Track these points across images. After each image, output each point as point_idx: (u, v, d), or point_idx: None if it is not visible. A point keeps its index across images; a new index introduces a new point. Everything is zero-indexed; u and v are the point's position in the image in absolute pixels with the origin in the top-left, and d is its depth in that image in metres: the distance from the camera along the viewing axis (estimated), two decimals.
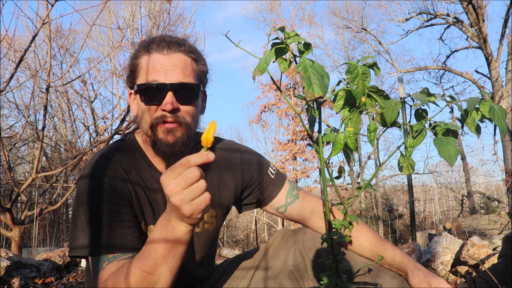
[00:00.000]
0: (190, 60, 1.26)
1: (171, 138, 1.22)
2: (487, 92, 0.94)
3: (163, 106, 1.20)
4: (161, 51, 1.23)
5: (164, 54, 1.23)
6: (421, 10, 16.71)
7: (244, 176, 1.44)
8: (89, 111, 16.56)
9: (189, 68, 1.25)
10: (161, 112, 1.21)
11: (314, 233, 1.41)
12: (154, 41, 1.25)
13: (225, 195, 1.42)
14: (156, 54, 1.23)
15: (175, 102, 1.21)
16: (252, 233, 19.41)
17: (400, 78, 5.02)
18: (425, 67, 17.41)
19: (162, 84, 1.20)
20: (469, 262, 2.96)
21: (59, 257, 3.98)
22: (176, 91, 1.21)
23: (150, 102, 1.22)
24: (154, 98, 1.21)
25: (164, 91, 1.20)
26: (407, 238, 10.14)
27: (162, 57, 1.23)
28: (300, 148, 21.40)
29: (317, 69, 0.85)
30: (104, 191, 1.18)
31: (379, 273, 1.35)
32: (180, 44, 1.25)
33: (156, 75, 1.21)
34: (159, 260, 1.01)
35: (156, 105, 1.22)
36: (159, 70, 1.21)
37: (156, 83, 1.20)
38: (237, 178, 1.43)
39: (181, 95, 1.22)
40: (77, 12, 4.21)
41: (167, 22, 6.72)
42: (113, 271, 1.09)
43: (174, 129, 1.22)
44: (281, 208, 1.45)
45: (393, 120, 0.92)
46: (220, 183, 1.40)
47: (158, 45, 1.24)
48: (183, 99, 1.22)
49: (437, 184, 18.71)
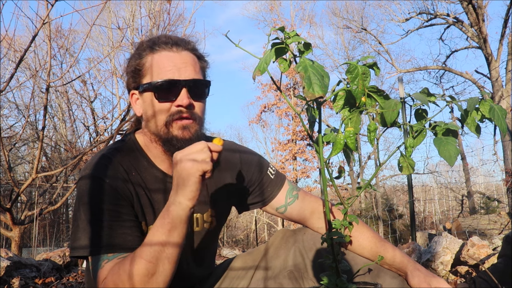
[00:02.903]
0: (196, 58, 1.28)
1: (187, 134, 1.23)
2: (487, 92, 0.94)
3: (179, 101, 1.21)
4: (170, 48, 1.24)
5: (174, 52, 1.24)
6: (421, 10, 16.71)
7: (244, 176, 1.44)
8: (89, 111, 16.57)
9: (198, 65, 1.28)
10: (177, 108, 1.22)
11: (314, 233, 1.41)
12: (160, 40, 1.26)
13: (225, 195, 1.42)
14: (164, 52, 1.24)
15: (190, 98, 1.22)
16: (252, 233, 19.41)
17: (400, 78, 5.02)
18: (425, 67, 17.41)
19: (177, 80, 1.21)
20: (469, 262, 2.96)
21: (59, 257, 3.97)
22: (190, 87, 1.22)
23: (165, 98, 1.22)
24: (169, 94, 1.22)
25: (179, 87, 1.21)
26: (407, 238, 10.14)
27: (172, 54, 1.24)
28: (300, 148, 21.39)
29: (317, 69, 0.85)
30: (104, 191, 1.18)
31: (379, 273, 1.35)
32: (185, 42, 1.27)
33: (170, 73, 1.22)
34: (158, 247, 1.04)
35: (170, 101, 1.22)
36: (172, 67, 1.22)
37: (171, 80, 1.21)
38: (236, 178, 1.43)
39: (194, 91, 1.23)
40: (77, 12, 4.21)
41: (167, 22, 6.72)
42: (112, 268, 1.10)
43: (190, 125, 1.23)
44: (281, 208, 1.45)
45: (393, 120, 0.92)
46: (219, 183, 1.40)
47: (165, 43, 1.25)
48: (196, 95, 1.24)
49: (437, 184, 18.71)
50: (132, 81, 1.29)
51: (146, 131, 1.29)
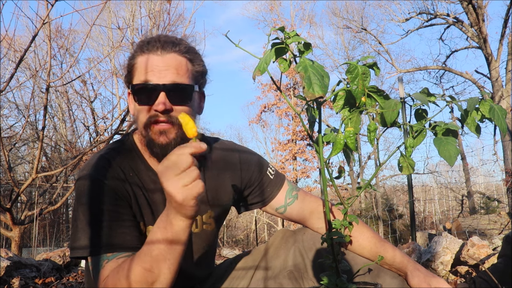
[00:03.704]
0: (185, 61, 1.26)
1: (164, 140, 1.22)
2: (487, 92, 0.94)
3: (155, 106, 1.20)
4: (155, 51, 1.23)
5: (158, 55, 1.23)
6: (421, 10, 16.71)
7: (243, 176, 1.43)
8: (89, 111, 16.57)
9: (183, 68, 1.25)
10: (154, 112, 1.21)
11: (314, 233, 1.41)
12: (150, 42, 1.25)
13: (224, 196, 1.42)
14: (150, 55, 1.23)
15: (168, 103, 1.21)
16: (252, 233, 19.41)
17: (400, 78, 5.02)
18: (425, 67, 17.40)
19: (155, 84, 1.20)
20: (469, 262, 2.96)
21: (59, 257, 3.98)
22: (168, 91, 1.21)
23: (143, 102, 1.22)
24: (147, 98, 1.21)
25: (157, 91, 1.20)
26: (407, 238, 10.14)
27: (155, 57, 1.23)
28: (300, 148, 21.39)
29: (317, 69, 0.85)
30: (103, 191, 1.19)
31: (379, 273, 1.35)
32: (175, 44, 1.25)
33: (150, 75, 1.21)
34: (159, 257, 1.02)
35: (149, 105, 1.22)
36: (153, 70, 1.22)
37: (148, 84, 1.21)
38: (236, 179, 1.43)
39: (174, 96, 1.22)
40: (77, 12, 4.21)
41: (167, 22, 6.72)
42: (113, 269, 1.09)
43: (167, 130, 1.22)
44: (280, 208, 1.45)
45: (393, 120, 0.92)
46: (218, 184, 1.40)
47: (152, 45, 1.24)
48: (176, 99, 1.22)
49: (437, 184, 18.71)
50: (126, 80, 1.30)
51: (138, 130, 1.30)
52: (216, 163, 1.41)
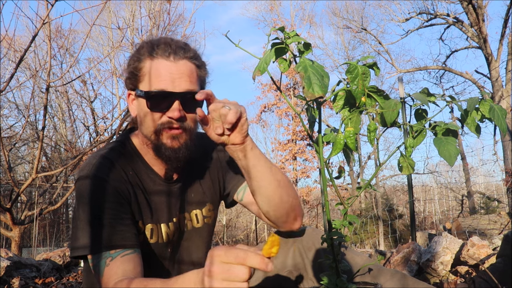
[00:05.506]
0: (194, 67, 1.26)
1: (176, 144, 1.23)
2: (487, 92, 0.94)
3: (170, 113, 1.21)
4: (167, 57, 1.22)
5: (171, 61, 1.22)
6: (421, 10, 16.71)
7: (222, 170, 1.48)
8: (89, 111, 16.56)
9: (194, 76, 1.26)
10: (167, 119, 1.22)
11: (313, 233, 1.42)
12: (159, 46, 1.24)
13: (217, 190, 1.47)
14: (162, 60, 1.23)
15: (182, 110, 1.22)
16: (252, 233, 19.40)
17: (400, 78, 5.02)
18: (425, 67, 17.40)
19: (170, 92, 1.21)
20: (469, 262, 2.96)
21: (59, 257, 3.98)
22: (183, 99, 1.22)
23: (157, 109, 1.22)
24: (161, 105, 1.22)
25: (172, 99, 1.21)
26: (407, 238, 10.14)
27: (168, 63, 1.22)
28: (300, 148, 21.39)
29: (317, 69, 0.85)
30: (103, 190, 1.20)
31: (379, 273, 1.35)
32: (185, 50, 1.25)
33: (164, 83, 1.21)
34: None
35: (162, 112, 1.22)
36: (167, 78, 1.21)
37: (164, 91, 1.21)
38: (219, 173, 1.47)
39: (188, 103, 1.22)
40: (77, 12, 4.22)
41: (167, 22, 6.73)
42: (118, 269, 1.10)
43: (179, 135, 1.24)
44: (240, 193, 1.44)
45: (393, 120, 0.92)
46: (213, 178, 1.45)
47: (163, 50, 1.23)
48: (189, 107, 1.23)
49: (437, 184, 18.70)
50: (129, 82, 1.29)
51: (140, 132, 1.31)
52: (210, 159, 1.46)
